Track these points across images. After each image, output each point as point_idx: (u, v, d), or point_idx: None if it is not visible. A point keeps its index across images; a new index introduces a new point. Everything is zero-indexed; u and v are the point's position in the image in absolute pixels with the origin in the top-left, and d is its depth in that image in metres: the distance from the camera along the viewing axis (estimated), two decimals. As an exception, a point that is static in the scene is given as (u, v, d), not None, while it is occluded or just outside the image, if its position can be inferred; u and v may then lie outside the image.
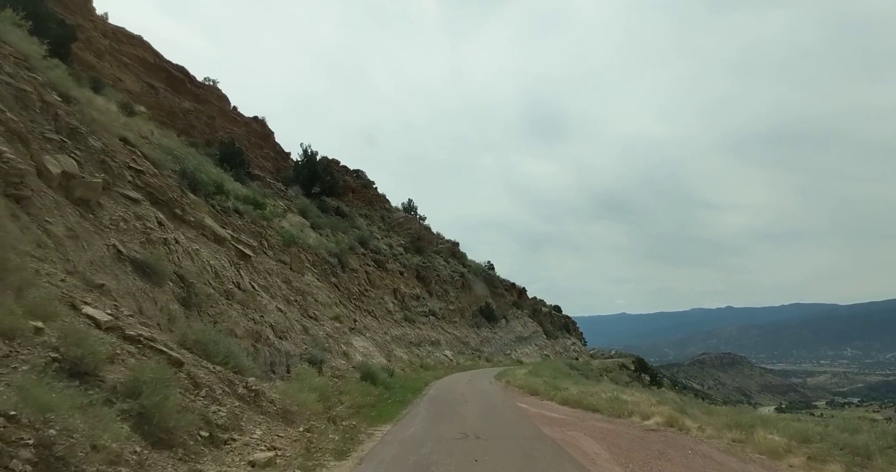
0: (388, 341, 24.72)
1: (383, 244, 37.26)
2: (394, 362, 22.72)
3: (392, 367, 20.38)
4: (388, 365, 19.54)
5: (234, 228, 14.71)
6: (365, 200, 42.90)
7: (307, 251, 21.44)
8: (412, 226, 45.24)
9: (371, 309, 26.32)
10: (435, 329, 33.81)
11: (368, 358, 19.45)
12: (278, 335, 11.14)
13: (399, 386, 15.17)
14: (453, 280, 43.13)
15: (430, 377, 21.17)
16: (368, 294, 27.76)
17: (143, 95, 24.24)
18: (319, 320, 16.25)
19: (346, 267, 26.82)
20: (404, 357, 25.19)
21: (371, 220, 40.51)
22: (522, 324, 49.56)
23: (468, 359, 35.20)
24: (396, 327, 28.13)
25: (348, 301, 23.04)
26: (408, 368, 23.27)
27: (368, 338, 21.75)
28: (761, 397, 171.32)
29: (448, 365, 30.16)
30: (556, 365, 31.83)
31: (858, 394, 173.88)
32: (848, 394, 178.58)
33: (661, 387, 46.50)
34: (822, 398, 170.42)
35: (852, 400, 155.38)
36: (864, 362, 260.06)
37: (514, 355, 44.06)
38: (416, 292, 35.36)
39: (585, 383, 18.18)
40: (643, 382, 44.52)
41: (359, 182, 43.29)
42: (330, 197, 37.50)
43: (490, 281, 49.83)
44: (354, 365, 15.01)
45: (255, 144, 33.18)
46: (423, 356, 28.19)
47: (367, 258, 31.46)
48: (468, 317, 41.92)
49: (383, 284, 30.79)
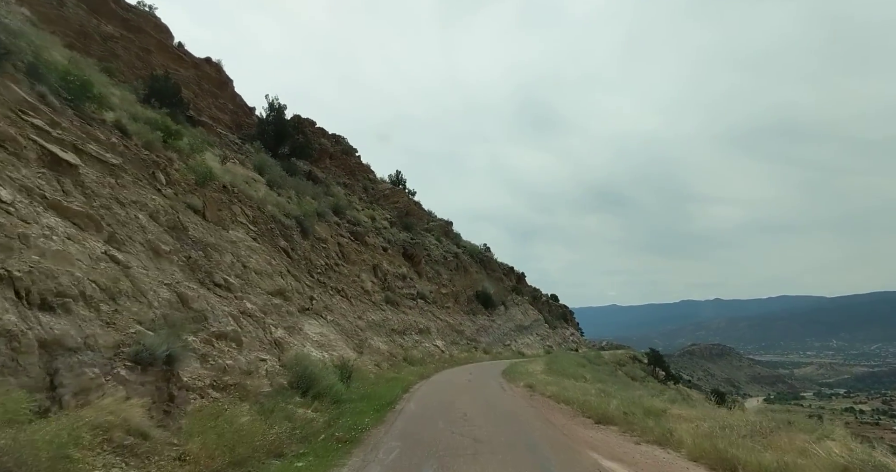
0: (362, 328, 18.66)
1: (364, 216, 31.09)
2: (367, 354, 16.67)
3: (360, 363, 14.30)
4: (355, 360, 13.50)
5: (94, 144, 8.56)
6: (345, 169, 36.64)
7: (245, 203, 15.24)
8: (400, 199, 39.05)
9: (342, 287, 20.20)
10: (424, 315, 27.80)
11: (325, 350, 13.36)
12: (90, 304, 5.09)
13: (358, 398, 9.14)
14: (446, 261, 37.08)
15: (415, 377, 15.14)
16: (339, 269, 21.64)
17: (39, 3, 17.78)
18: (237, 291, 10.09)
19: (311, 235, 20.66)
20: (383, 348, 19.17)
21: (351, 190, 34.28)
22: (523, 311, 43.62)
23: (463, 350, 29.26)
24: (375, 310, 22.05)
25: (306, 274, 16.90)
26: (386, 363, 17.23)
27: (331, 323, 15.65)
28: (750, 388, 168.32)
29: (439, 358, 24.19)
30: (574, 359, 25.92)
31: (845, 385, 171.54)
32: (834, 385, 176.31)
33: (677, 383, 40.96)
34: (810, 389, 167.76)
35: (839, 391, 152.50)
36: (850, 354, 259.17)
37: (514, 346, 38.20)
38: (402, 271, 29.28)
39: (658, 395, 12.23)
40: (658, 377, 38.86)
41: (338, 148, 36.97)
42: (302, 160, 31.21)
43: (487, 264, 43.82)
44: (285, 362, 8.91)
45: (207, 92, 26.81)
46: (407, 347, 22.17)
47: (341, 229, 25.31)
48: (463, 302, 35.94)
49: (360, 259, 24.65)
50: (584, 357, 29.59)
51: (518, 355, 35.73)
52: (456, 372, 18.44)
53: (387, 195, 38.08)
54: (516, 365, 20.47)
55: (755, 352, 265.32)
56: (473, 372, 17.82)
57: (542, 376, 13.60)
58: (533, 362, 23.82)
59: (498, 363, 24.31)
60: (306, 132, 32.50)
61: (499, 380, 14.62)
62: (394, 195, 38.44)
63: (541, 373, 15.23)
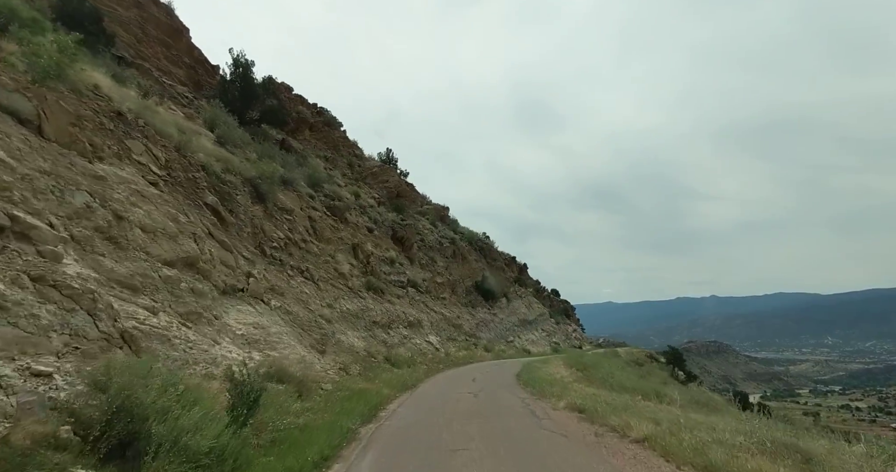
0: (330, 319, 13.99)
1: (346, 192, 26.44)
2: (332, 354, 12.02)
3: (316, 368, 9.67)
4: (304, 365, 8.86)
5: None
6: (328, 143, 31.88)
7: (154, 141, 10.51)
8: (390, 179, 34.33)
9: (306, 267, 15.50)
10: (415, 305, 23.14)
11: (255, 349, 8.70)
12: None
13: (255, 451, 4.50)
14: (442, 247, 32.42)
15: (394, 388, 10.43)
16: (308, 247, 16.97)
17: None
18: (46, 242, 5.43)
19: (269, 202, 15.99)
20: (358, 346, 14.51)
21: (333, 164, 29.54)
22: (527, 305, 38.97)
23: (461, 347, 24.66)
24: (352, 297, 17.36)
25: (247, 245, 12.21)
26: (358, 365, 12.57)
27: (278, 310, 10.97)
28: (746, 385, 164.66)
29: (432, 357, 19.55)
30: (596, 358, 21.25)
31: (840, 382, 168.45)
32: (830, 382, 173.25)
33: (700, 385, 36.46)
34: (805, 386, 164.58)
35: (834, 388, 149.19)
36: (845, 351, 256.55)
37: (517, 343, 33.59)
38: (390, 255, 24.62)
39: None
40: (678, 378, 34.30)
41: (319, 119, 32.18)
42: (275, 129, 26.49)
43: (487, 252, 39.16)
44: (94, 377, 4.25)
45: (155, 40, 22.02)
46: (392, 344, 17.52)
47: (315, 202, 20.67)
48: (461, 293, 31.30)
49: (337, 237, 19.98)
50: (602, 356, 24.99)
51: (523, 353, 31.13)
52: (454, 378, 13.74)
53: (375, 173, 33.35)
54: (530, 367, 15.87)
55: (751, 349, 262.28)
56: (478, 378, 13.12)
57: (580, 387, 9.02)
58: (548, 362, 19.21)
59: (505, 364, 19.74)
60: (279, 96, 27.71)
61: (518, 393, 9.76)
62: (383, 174, 33.72)
63: (572, 380, 10.65)
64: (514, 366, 17.37)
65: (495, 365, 19.30)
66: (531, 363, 18.25)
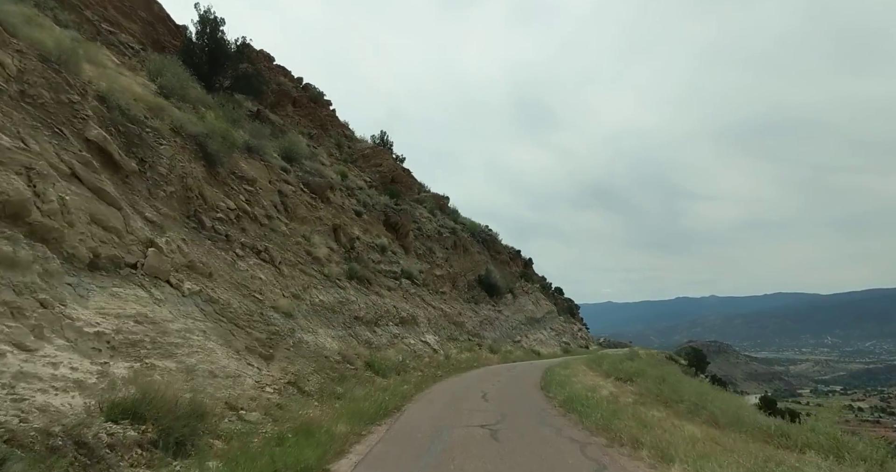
0: (291, 312, 10.34)
1: (332, 171, 22.81)
2: (281, 361, 8.37)
3: (239, 386, 6.03)
4: (210, 386, 5.22)
5: None
6: (314, 121, 28.22)
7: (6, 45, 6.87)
8: (384, 162, 30.64)
9: (265, 247, 11.82)
10: (410, 299, 19.45)
11: (124, 357, 5.07)
12: None
13: None
14: (441, 237, 28.76)
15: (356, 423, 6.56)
16: (273, 224, 13.29)
17: None
18: None
19: (222, 166, 12.33)
20: (330, 348, 10.85)
21: (318, 141, 25.88)
22: (534, 301, 35.24)
23: (463, 349, 20.98)
24: (328, 287, 13.67)
25: (164, 206, 8.54)
26: (319, 376, 8.88)
27: (192, 298, 7.32)
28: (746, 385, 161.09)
29: (429, 361, 15.86)
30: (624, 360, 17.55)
31: (840, 382, 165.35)
32: (830, 382, 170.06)
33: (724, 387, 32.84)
34: (806, 386, 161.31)
35: (835, 388, 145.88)
36: (845, 351, 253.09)
37: (525, 343, 29.91)
38: (381, 242, 20.94)
39: None
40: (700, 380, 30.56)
41: (304, 94, 28.51)
42: (250, 98, 22.82)
43: (490, 245, 35.48)
44: None
45: (106, -12, 18.41)
46: (379, 345, 13.83)
47: (289, 175, 17.01)
48: (462, 288, 27.62)
49: (314, 216, 16.29)
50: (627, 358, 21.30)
51: (532, 355, 27.46)
52: (456, 393, 9.96)
53: (367, 156, 29.70)
54: (552, 374, 12.20)
55: (751, 349, 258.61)
56: (490, 394, 9.27)
57: (659, 417, 5.40)
58: (569, 366, 15.50)
59: (517, 369, 16.03)
60: (254, 62, 24.02)
61: (564, 429, 5.75)
62: (376, 156, 30.06)
63: (629, 399, 7.02)
64: (530, 372, 13.70)
65: (506, 370, 15.59)
66: (551, 369, 14.56)
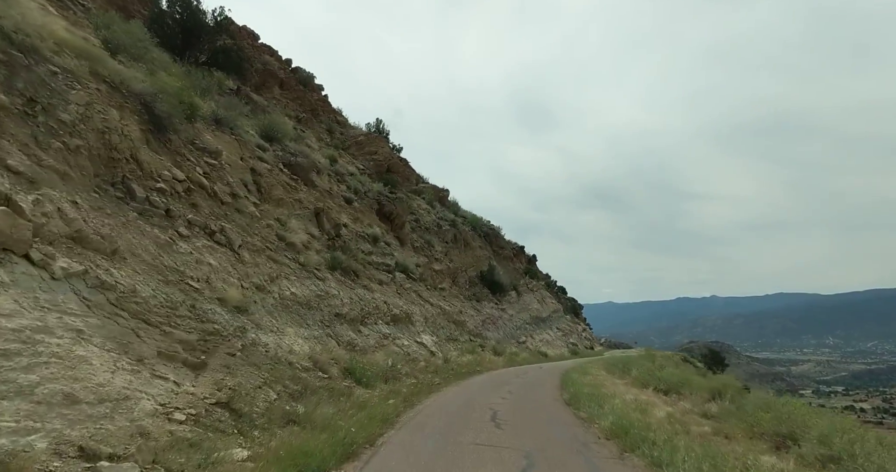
0: (243, 307, 8.12)
1: (320, 156, 20.61)
2: (215, 373, 6.15)
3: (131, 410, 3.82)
4: (55, 420, 3.02)
5: None
6: (304, 105, 26.00)
7: None
8: (379, 151, 28.40)
9: (221, 227, 9.59)
10: (404, 295, 17.21)
11: None
12: None
13: None
14: (441, 230, 26.54)
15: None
16: (237, 203, 11.08)
17: None
18: None
19: (175, 132, 10.11)
20: (299, 351, 8.62)
21: (307, 125, 23.68)
22: (539, 299, 32.97)
23: (465, 351, 18.73)
24: (303, 277, 11.44)
25: (58, 161, 6.32)
26: (271, 391, 6.63)
27: (69, 281, 5.13)
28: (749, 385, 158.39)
29: (425, 366, 13.60)
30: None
31: (842, 383, 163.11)
32: (832, 383, 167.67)
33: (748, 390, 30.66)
34: (808, 386, 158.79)
35: (837, 389, 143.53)
36: (846, 351, 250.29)
37: (530, 344, 27.65)
38: (373, 232, 18.72)
39: None
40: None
41: (293, 76, 26.31)
42: (231, 76, 20.59)
43: (493, 239, 33.24)
44: None
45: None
46: (364, 347, 11.60)
47: (265, 153, 14.79)
48: (463, 284, 25.39)
49: (293, 199, 14.06)
50: (648, 360, 19.08)
51: (539, 357, 25.19)
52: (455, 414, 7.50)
53: (360, 143, 27.49)
54: (572, 381, 9.95)
55: (752, 349, 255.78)
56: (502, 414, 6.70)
57: (761, 460, 3.21)
58: (587, 372, 13.22)
59: (529, 375, 13.75)
60: (234, 36, 21.79)
61: None
62: (370, 143, 27.85)
63: (693, 416, 4.80)
64: (543, 379, 11.45)
65: (515, 377, 13.32)
66: (567, 374, 12.29)
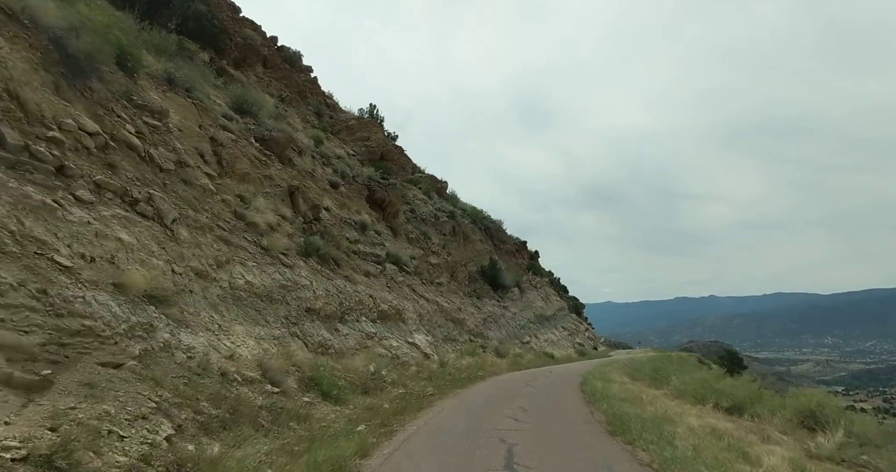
0: (160, 298, 5.94)
1: (305, 136, 18.41)
2: (55, 398, 3.98)
3: None
4: None
5: None
6: (291, 86, 23.75)
7: None
8: (372, 136, 26.18)
9: (149, 194, 7.39)
10: (395, 289, 14.98)
11: None
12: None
13: None
14: (438, 222, 24.31)
15: None
16: (184, 173, 8.87)
17: None
18: None
19: (101, 80, 7.91)
20: (244, 356, 6.45)
21: (290, 104, 21.43)
22: (544, 297, 30.74)
23: (464, 352, 16.50)
24: (265, 263, 9.23)
25: None
26: (191, 409, 4.55)
27: None
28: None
29: (417, 371, 11.37)
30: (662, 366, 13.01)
31: (842, 382, 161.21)
32: (832, 383, 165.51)
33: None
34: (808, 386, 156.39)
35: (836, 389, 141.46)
36: (845, 351, 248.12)
37: (534, 344, 25.42)
38: (360, 218, 16.48)
39: None
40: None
41: (277, 54, 24.10)
42: (205, 48, 18.36)
43: (494, 234, 31.02)
44: None
45: None
46: (341, 350, 9.38)
47: (231, 122, 12.57)
48: (462, 280, 23.15)
49: (262, 174, 11.83)
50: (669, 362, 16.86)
51: (546, 358, 22.94)
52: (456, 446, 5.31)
53: (351, 127, 25.28)
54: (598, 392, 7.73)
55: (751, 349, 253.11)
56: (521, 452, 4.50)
57: None
58: (609, 379, 10.98)
59: (537, 381, 11.49)
60: (218, 14, 19.60)
61: None
62: (362, 128, 25.64)
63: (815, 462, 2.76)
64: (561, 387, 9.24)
65: (524, 384, 11.06)
66: (587, 381, 10.05)
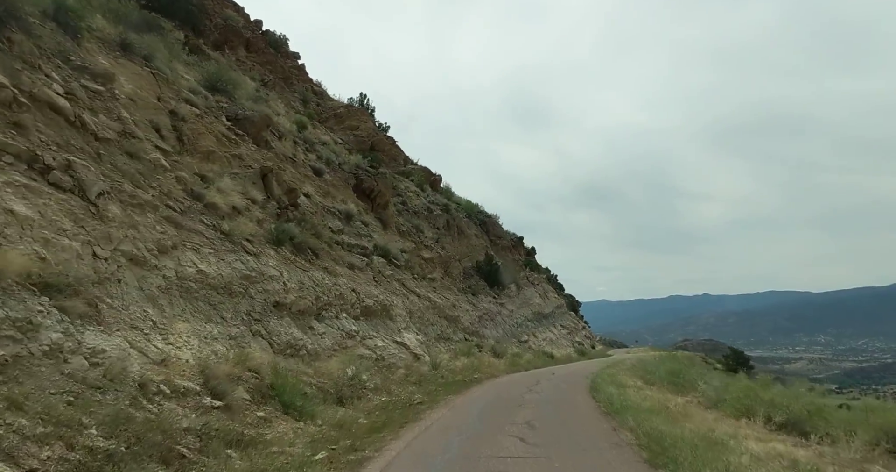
0: (57, 287, 4.64)
1: (287, 121, 17.01)
2: None
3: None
4: None
5: None
6: (276, 71, 22.32)
7: None
8: (362, 125, 24.78)
9: (66, 163, 6.04)
10: (383, 284, 13.64)
11: None
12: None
13: None
14: (432, 215, 22.97)
15: None
16: (129, 145, 7.51)
17: None
18: None
19: (26, 32, 6.55)
20: (184, 361, 5.16)
21: (271, 88, 20.01)
22: (542, 294, 29.48)
23: (459, 352, 15.19)
24: (225, 252, 7.88)
25: None
26: (66, 445, 3.33)
27: None
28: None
29: (405, 375, 10.05)
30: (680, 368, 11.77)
31: (835, 380, 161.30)
32: (825, 381, 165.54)
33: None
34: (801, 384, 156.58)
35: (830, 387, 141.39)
36: (838, 349, 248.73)
37: (533, 343, 24.12)
38: (346, 208, 15.12)
39: None
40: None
41: (261, 38, 22.67)
42: (180, 27, 16.93)
43: (490, 228, 29.71)
44: None
45: None
46: (316, 351, 8.07)
47: (197, 97, 11.17)
48: (457, 276, 21.83)
49: (229, 154, 10.46)
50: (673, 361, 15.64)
51: (545, 358, 21.66)
52: None
53: (339, 116, 23.88)
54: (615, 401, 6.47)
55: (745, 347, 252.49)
56: None
57: None
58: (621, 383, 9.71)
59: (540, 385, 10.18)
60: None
61: None
62: (351, 117, 24.26)
63: None
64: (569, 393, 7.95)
65: (527, 389, 9.74)
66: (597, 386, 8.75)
